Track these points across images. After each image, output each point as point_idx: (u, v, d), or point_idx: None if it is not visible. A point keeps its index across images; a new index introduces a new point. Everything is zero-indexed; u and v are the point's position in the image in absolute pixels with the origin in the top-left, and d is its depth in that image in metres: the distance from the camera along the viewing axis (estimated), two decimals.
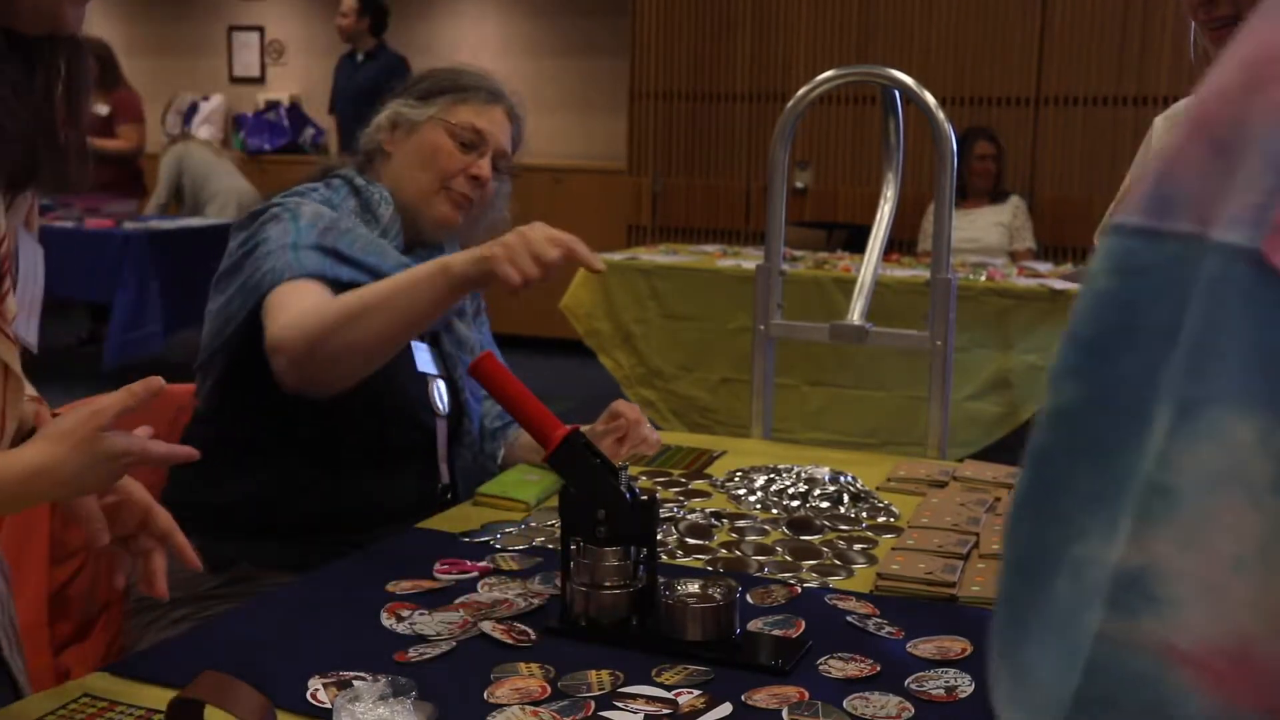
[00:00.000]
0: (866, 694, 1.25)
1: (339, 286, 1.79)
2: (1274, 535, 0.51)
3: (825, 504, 1.90)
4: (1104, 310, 0.57)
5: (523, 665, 1.31)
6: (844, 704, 1.23)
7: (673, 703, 1.23)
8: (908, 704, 1.23)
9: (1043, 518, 0.59)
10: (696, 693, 1.25)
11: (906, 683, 1.27)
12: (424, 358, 1.98)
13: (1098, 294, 0.57)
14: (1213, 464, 0.52)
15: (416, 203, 1.98)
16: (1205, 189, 0.54)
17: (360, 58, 6.94)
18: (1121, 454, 0.55)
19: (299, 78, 9.21)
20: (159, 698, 1.19)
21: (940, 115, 2.33)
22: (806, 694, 1.25)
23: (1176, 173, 0.55)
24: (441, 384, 1.99)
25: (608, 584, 1.40)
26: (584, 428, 1.88)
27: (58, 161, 1.26)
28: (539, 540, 1.71)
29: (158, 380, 1.21)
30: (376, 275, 1.83)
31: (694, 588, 1.40)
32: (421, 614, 1.45)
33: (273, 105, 9.24)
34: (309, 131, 9.09)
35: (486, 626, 1.41)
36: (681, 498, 1.94)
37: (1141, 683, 0.53)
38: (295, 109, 9.16)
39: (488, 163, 1.98)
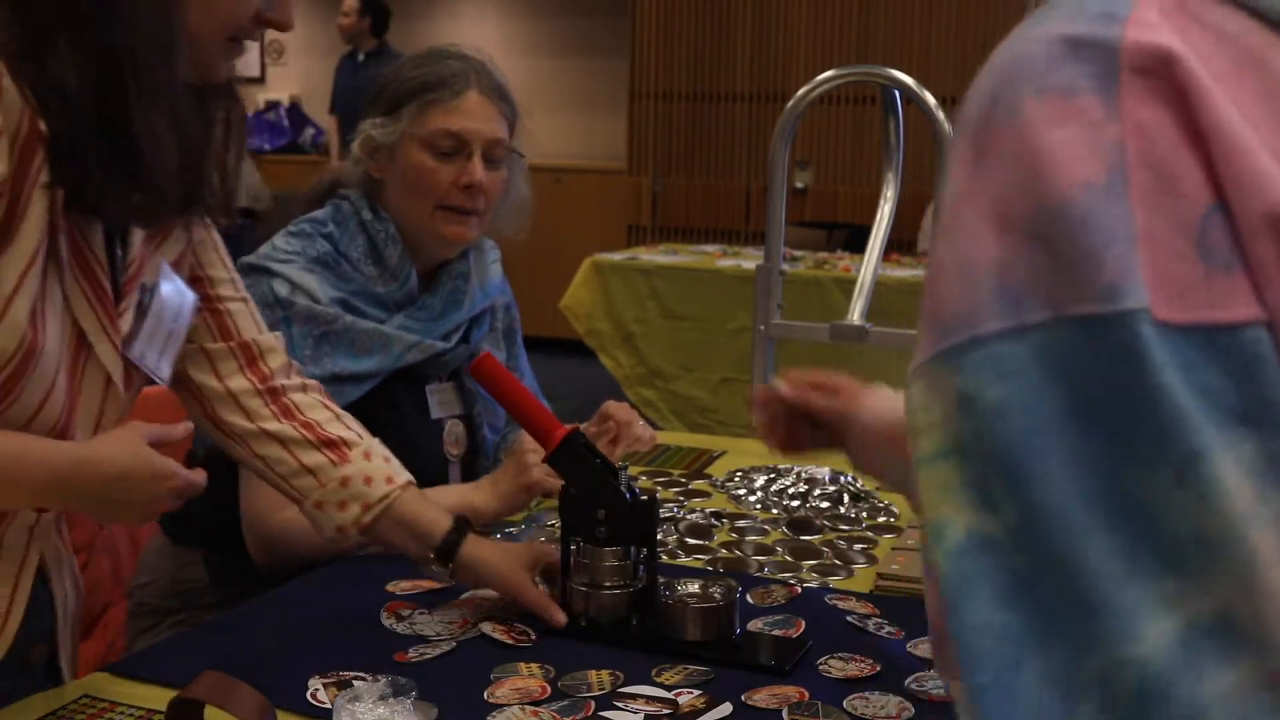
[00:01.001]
0: (866, 694, 1.25)
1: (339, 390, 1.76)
2: None
3: (825, 504, 1.90)
4: (1000, 421, 0.59)
5: (523, 665, 1.31)
6: (844, 704, 1.23)
7: (673, 703, 1.23)
8: (907, 704, 1.23)
9: (1048, 649, 0.58)
10: (696, 693, 1.25)
11: (907, 682, 1.27)
12: (436, 401, 1.92)
13: (988, 411, 0.59)
14: (1243, 499, 0.55)
15: (421, 230, 1.88)
16: (1041, 277, 0.58)
17: (361, 58, 6.94)
18: (1095, 551, 0.56)
19: (299, 78, 9.21)
20: (159, 698, 1.19)
21: (940, 115, 2.33)
22: (806, 694, 1.25)
23: (1009, 276, 0.59)
24: (459, 425, 1.94)
25: (608, 584, 1.40)
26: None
27: (203, 202, 1.32)
28: (540, 540, 1.71)
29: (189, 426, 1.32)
30: (379, 373, 1.81)
31: (694, 588, 1.40)
32: (421, 613, 1.45)
33: (273, 105, 9.23)
34: (309, 131, 9.09)
35: (486, 627, 1.41)
36: (681, 498, 1.94)
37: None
38: (295, 109, 9.15)
39: (476, 164, 1.85)
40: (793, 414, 1.38)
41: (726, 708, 1.22)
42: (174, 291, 1.36)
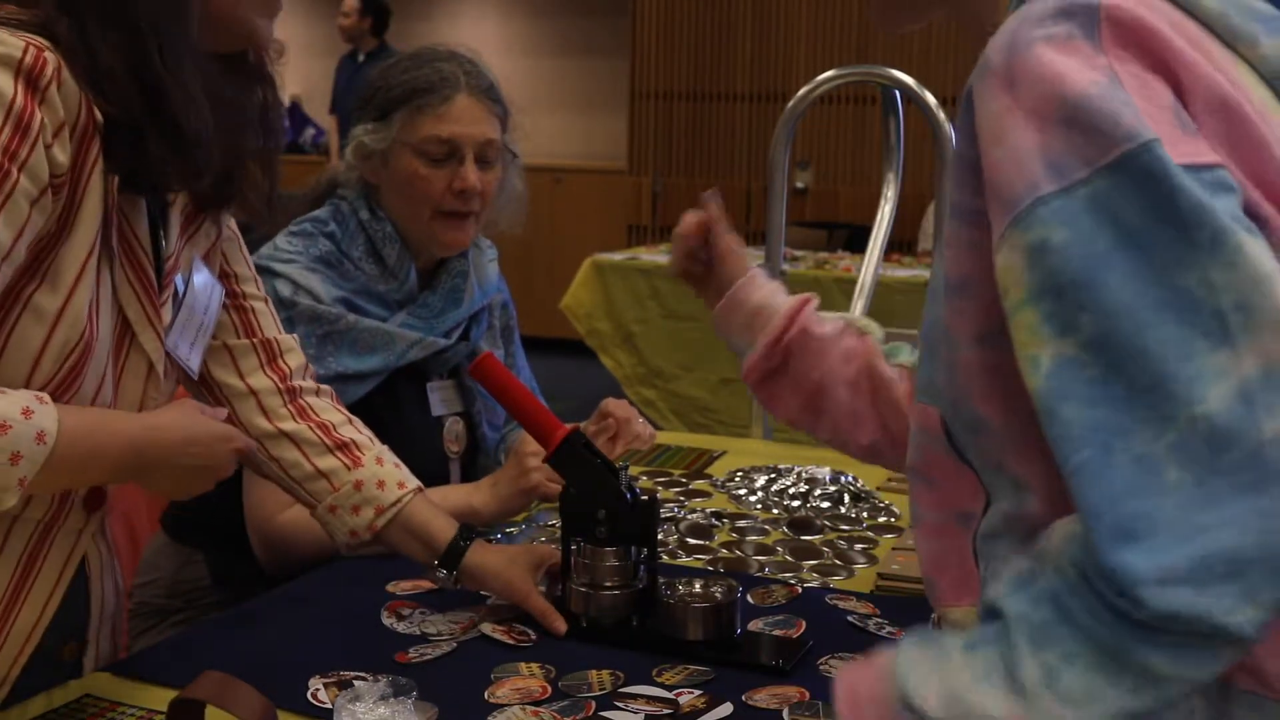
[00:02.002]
0: None
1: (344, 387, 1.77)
2: None
3: (826, 504, 1.90)
4: (1064, 259, 0.78)
5: (523, 665, 1.31)
6: None
7: (673, 703, 1.23)
8: None
9: (1123, 435, 0.76)
10: (697, 692, 1.25)
11: None
12: (438, 398, 1.92)
13: (1057, 250, 0.78)
14: (1269, 263, 0.74)
15: (418, 234, 1.88)
16: (1078, 146, 0.78)
17: (361, 58, 6.94)
18: (1160, 338, 0.74)
19: (299, 78, 9.21)
20: (159, 698, 1.19)
21: (940, 115, 2.33)
22: (807, 694, 1.24)
23: (1051, 152, 0.79)
24: (459, 422, 1.94)
25: (608, 584, 1.40)
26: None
27: (242, 191, 1.34)
28: (539, 540, 1.71)
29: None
30: (382, 371, 1.82)
31: (694, 588, 1.39)
32: (422, 613, 1.45)
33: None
34: (309, 131, 9.10)
35: (487, 627, 1.41)
36: (682, 498, 1.94)
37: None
38: (295, 109, 9.16)
39: (469, 168, 1.84)
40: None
41: (727, 708, 1.22)
42: (204, 284, 1.38)
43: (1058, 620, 0.77)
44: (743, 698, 1.24)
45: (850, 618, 1.44)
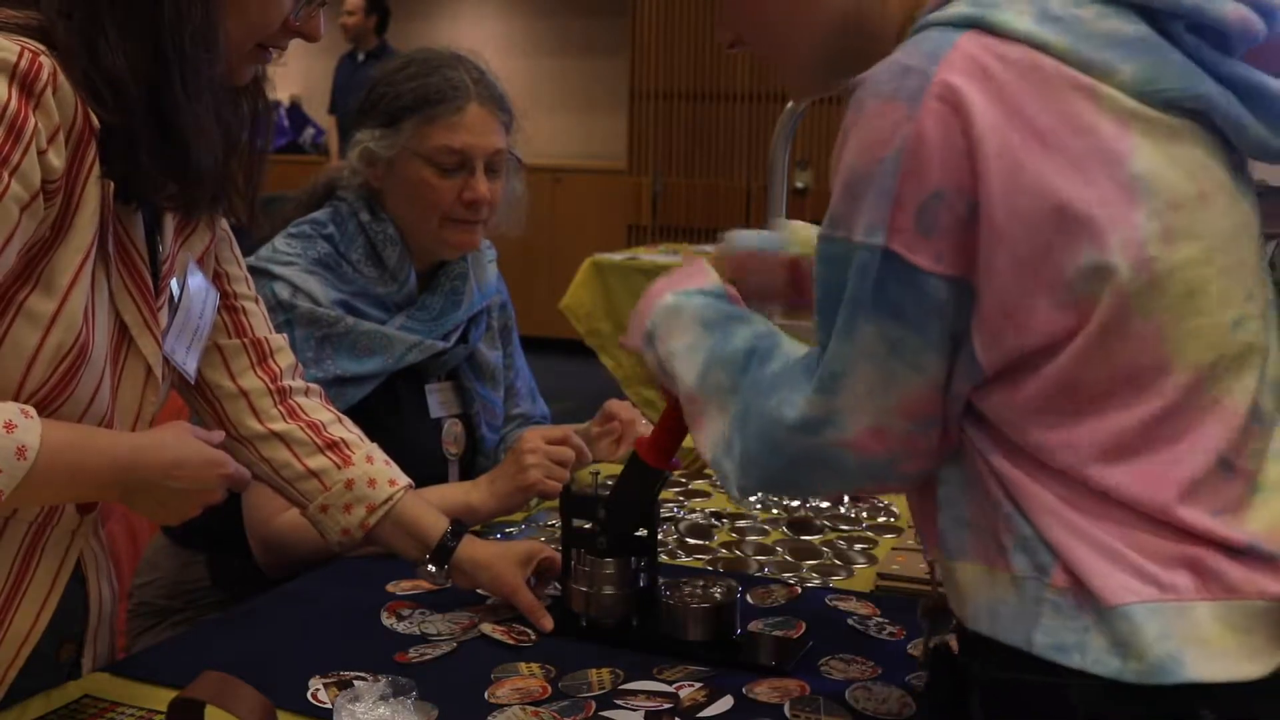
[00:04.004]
0: (868, 685, 1.25)
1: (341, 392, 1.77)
2: (884, 381, 0.97)
3: (825, 504, 1.90)
4: (818, 281, 1.01)
5: (523, 665, 1.31)
6: (846, 695, 1.23)
7: (674, 696, 1.23)
8: (909, 699, 1.23)
9: (765, 369, 1.07)
10: (698, 685, 1.25)
11: (907, 679, 1.27)
12: (436, 400, 1.92)
13: (815, 274, 1.01)
14: (858, 350, 0.97)
15: (424, 239, 1.88)
16: (846, 211, 0.96)
17: (362, 57, 6.94)
18: (814, 352, 1.02)
19: (299, 78, 9.21)
20: (159, 698, 1.19)
21: None
22: (808, 687, 1.24)
23: (836, 203, 0.97)
24: (457, 424, 1.94)
25: (608, 590, 1.40)
26: (578, 427, 1.88)
27: (228, 197, 1.34)
28: (539, 540, 1.71)
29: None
30: (381, 374, 1.81)
31: (694, 588, 1.39)
32: (422, 613, 1.45)
33: (273, 105, 9.22)
34: (309, 131, 9.09)
35: (486, 627, 1.41)
36: (681, 498, 1.94)
37: (822, 459, 1.01)
38: (295, 109, 9.15)
39: (480, 179, 1.85)
40: None
41: (728, 701, 1.22)
42: (200, 288, 1.38)
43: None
44: (743, 690, 1.24)
45: (850, 619, 1.44)
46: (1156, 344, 0.92)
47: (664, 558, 1.63)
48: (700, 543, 1.72)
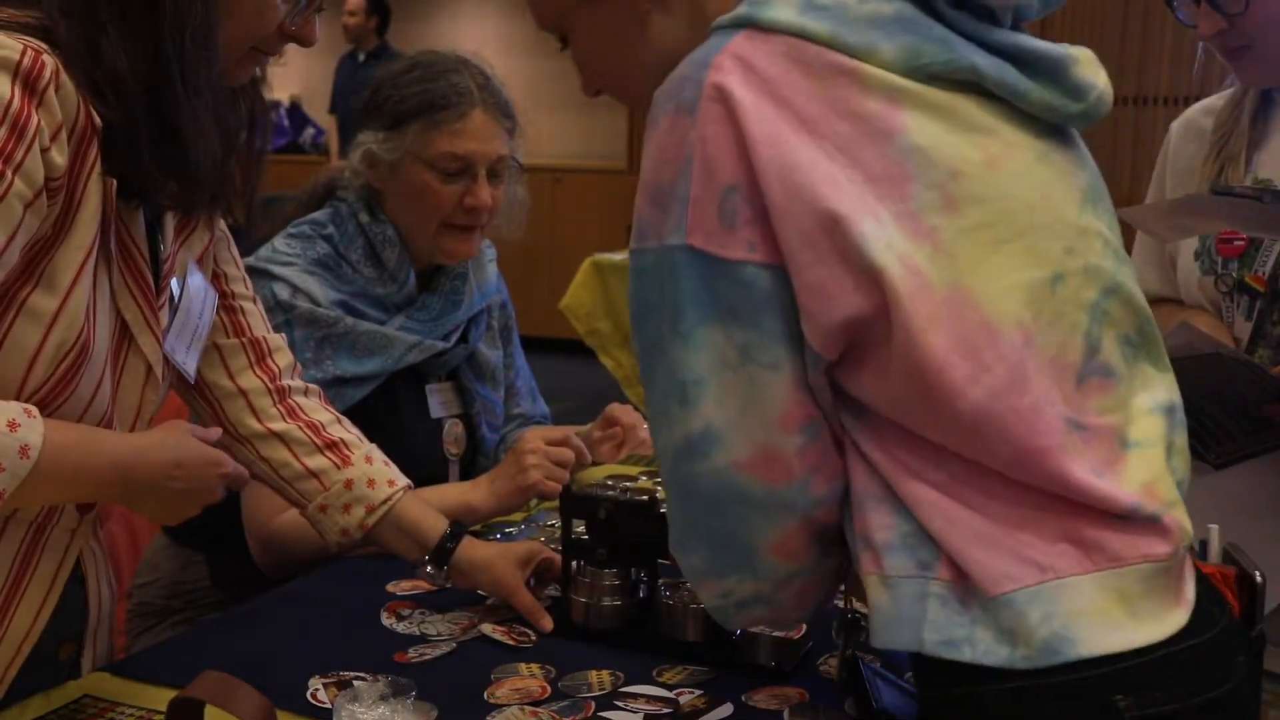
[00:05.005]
0: None
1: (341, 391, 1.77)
2: (747, 390, 0.95)
3: None
4: (633, 299, 1.00)
5: (523, 665, 1.31)
6: (845, 705, 1.23)
7: (673, 702, 1.23)
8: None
9: (651, 426, 1.03)
10: (698, 692, 1.25)
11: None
12: (437, 400, 1.93)
13: (630, 291, 1.01)
14: (707, 359, 0.96)
15: (423, 243, 1.88)
16: (654, 221, 0.97)
17: (362, 57, 6.94)
18: (658, 377, 0.99)
19: (299, 78, 9.21)
20: (159, 698, 1.19)
21: None
22: (807, 694, 1.24)
23: (643, 216, 0.99)
24: (458, 424, 1.94)
25: (608, 601, 1.40)
26: (579, 430, 1.88)
27: (226, 198, 1.34)
28: (539, 540, 1.71)
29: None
30: (381, 374, 1.81)
31: None
32: (422, 613, 1.45)
33: (273, 105, 9.22)
34: (309, 131, 9.09)
35: (486, 627, 1.41)
36: None
37: (724, 486, 0.97)
38: (295, 109, 9.16)
39: (482, 185, 1.85)
40: None
41: (727, 708, 1.22)
42: (199, 288, 1.38)
43: None
44: (743, 698, 1.24)
45: (851, 617, 1.44)
46: (971, 307, 0.92)
47: (664, 559, 1.63)
48: None
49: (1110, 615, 0.90)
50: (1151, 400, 0.99)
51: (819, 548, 1.02)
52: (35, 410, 1.11)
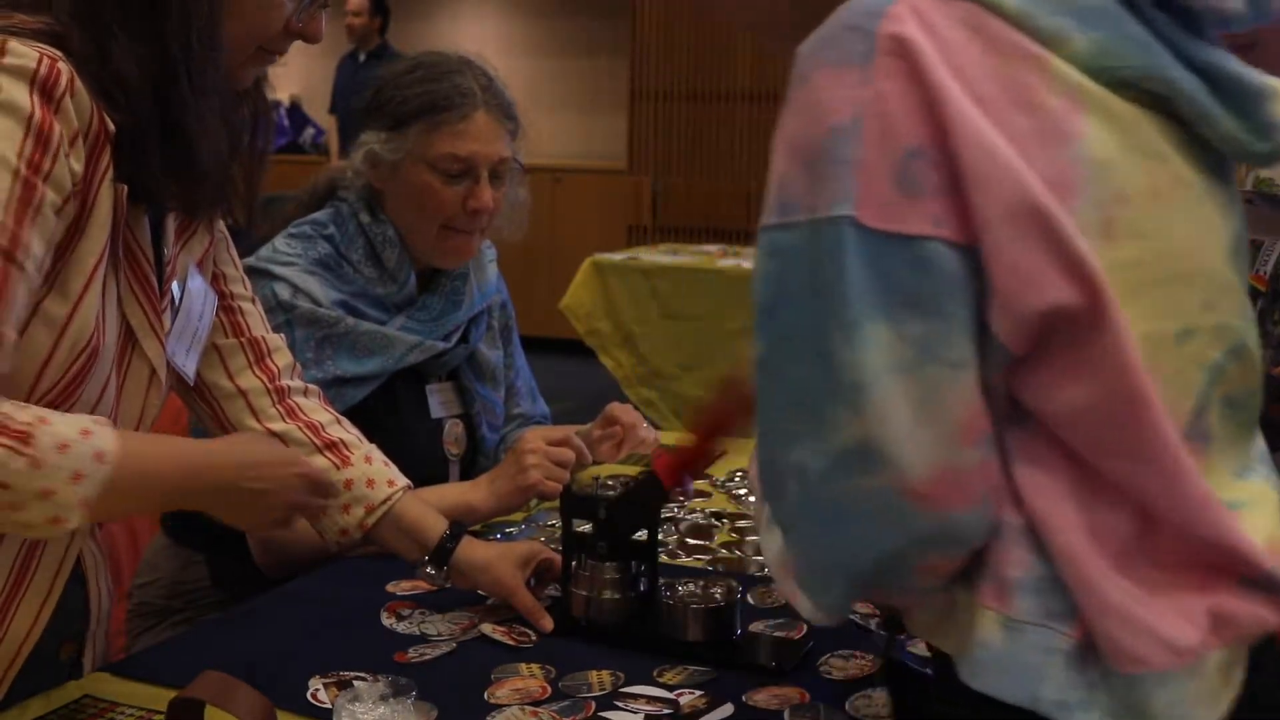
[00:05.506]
0: (869, 693, 1.24)
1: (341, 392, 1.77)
2: (926, 395, 0.81)
3: None
4: (765, 283, 0.86)
5: (523, 666, 1.31)
6: (847, 705, 1.22)
7: (674, 703, 1.23)
8: None
9: (766, 440, 0.89)
10: (698, 693, 1.25)
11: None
12: (437, 400, 1.92)
13: (761, 274, 0.86)
14: (877, 356, 0.81)
15: (423, 245, 1.87)
16: (803, 190, 0.84)
17: (363, 57, 6.94)
18: (806, 377, 0.84)
19: (299, 78, 9.20)
20: (159, 698, 1.19)
21: None
22: (807, 695, 1.24)
23: (787, 185, 0.85)
24: (458, 425, 1.94)
25: (608, 595, 1.40)
26: (579, 429, 1.88)
27: (229, 199, 1.35)
28: (539, 540, 1.71)
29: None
30: (381, 374, 1.81)
31: (694, 588, 1.39)
32: (422, 613, 1.45)
33: (273, 105, 9.21)
34: (309, 131, 9.08)
35: (487, 628, 1.41)
36: (682, 498, 1.94)
37: (887, 509, 0.82)
38: (295, 109, 9.15)
39: (483, 187, 1.84)
40: None
41: (728, 708, 1.22)
42: (199, 291, 1.38)
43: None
44: (743, 698, 1.24)
45: (852, 617, 1.44)
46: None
47: (664, 558, 1.63)
48: (700, 543, 1.72)
49: (1216, 690, 0.84)
50: (1238, 464, 0.90)
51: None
52: (104, 420, 1.13)
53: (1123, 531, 0.84)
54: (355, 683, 1.17)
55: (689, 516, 1.83)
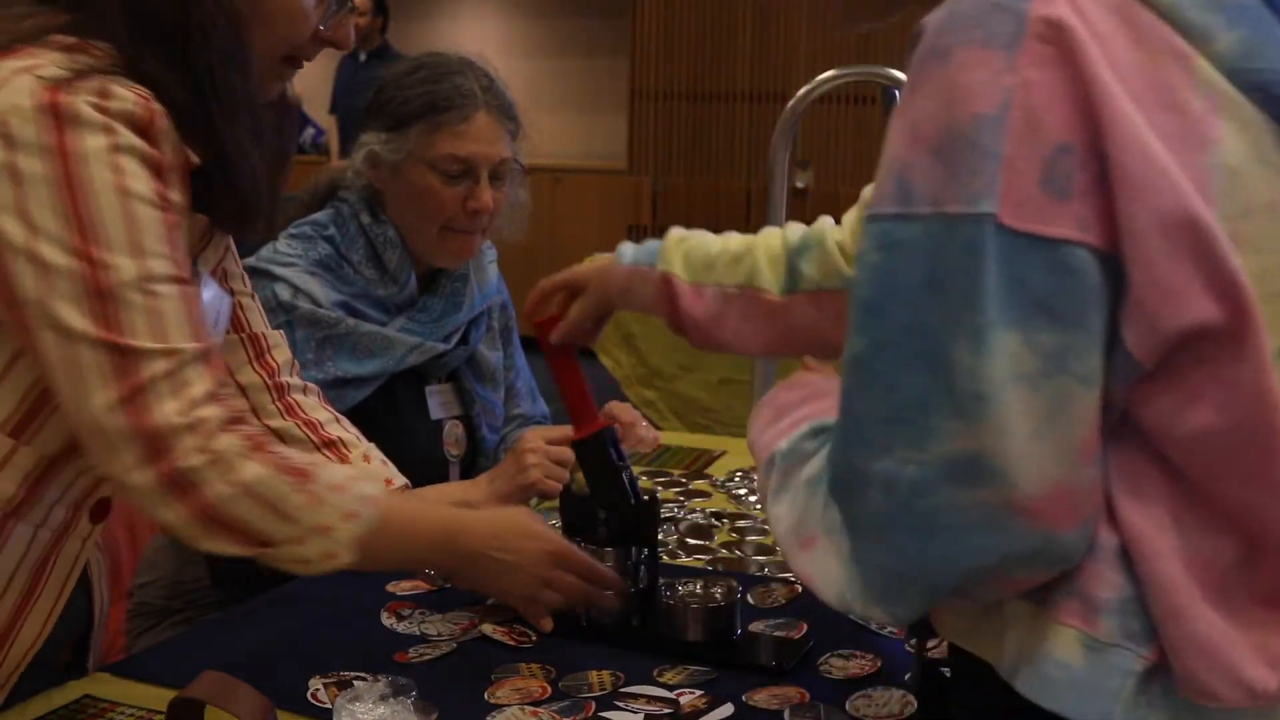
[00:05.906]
0: (869, 692, 1.24)
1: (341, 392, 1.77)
2: (1050, 409, 0.76)
3: None
4: (873, 277, 0.80)
5: (523, 666, 1.31)
6: (847, 705, 1.22)
7: (674, 702, 1.23)
8: (910, 699, 1.22)
9: (850, 445, 0.83)
10: (698, 693, 1.25)
11: (906, 678, 1.27)
12: (437, 401, 1.92)
13: (869, 266, 0.80)
14: (1005, 365, 0.76)
15: (424, 245, 1.88)
16: (934, 180, 0.77)
17: (363, 57, 6.93)
18: (911, 382, 0.78)
19: (299, 78, 9.11)
20: (159, 698, 1.19)
21: None
22: (807, 695, 1.24)
23: (913, 173, 0.78)
24: (458, 426, 1.94)
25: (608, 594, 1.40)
26: None
27: (269, 215, 1.33)
28: None
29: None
30: (381, 375, 1.81)
31: (694, 588, 1.39)
32: (422, 613, 1.45)
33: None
34: (309, 131, 9.08)
35: (487, 628, 1.41)
36: (681, 498, 1.94)
37: (990, 524, 0.78)
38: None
39: (484, 188, 1.84)
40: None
41: (728, 708, 1.22)
42: (213, 299, 1.37)
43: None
44: (743, 698, 1.24)
45: (853, 616, 1.44)
46: None
47: (664, 558, 1.63)
48: (700, 543, 1.72)
49: None
50: None
51: None
52: (369, 470, 1.19)
53: (1223, 561, 0.80)
54: (355, 683, 1.17)
55: (689, 516, 1.83)
